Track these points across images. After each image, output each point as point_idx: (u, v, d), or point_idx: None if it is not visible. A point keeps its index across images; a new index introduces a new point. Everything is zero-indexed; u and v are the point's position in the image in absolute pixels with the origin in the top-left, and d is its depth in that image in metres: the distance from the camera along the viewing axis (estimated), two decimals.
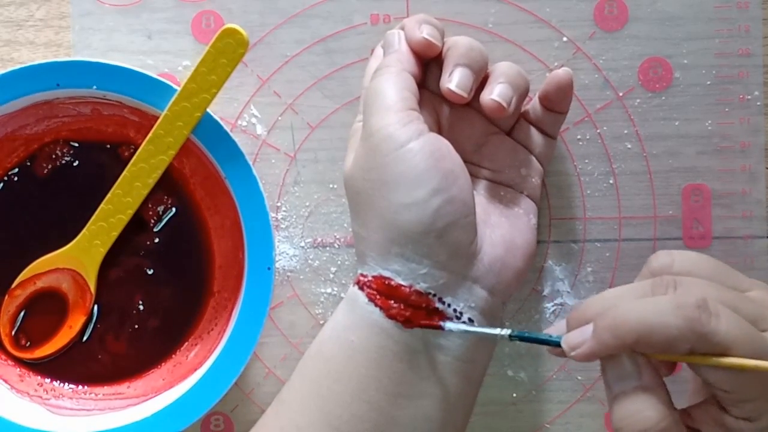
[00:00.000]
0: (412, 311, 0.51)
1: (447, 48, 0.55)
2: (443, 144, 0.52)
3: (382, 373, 0.52)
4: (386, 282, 0.52)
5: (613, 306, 0.46)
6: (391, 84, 0.53)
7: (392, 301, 0.51)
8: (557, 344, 0.48)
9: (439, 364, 0.52)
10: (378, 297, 0.52)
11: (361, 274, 0.53)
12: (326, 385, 0.52)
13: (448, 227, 0.51)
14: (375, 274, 0.52)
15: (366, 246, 0.53)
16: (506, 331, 0.50)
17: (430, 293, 0.52)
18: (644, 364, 0.46)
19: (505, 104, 0.53)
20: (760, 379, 0.44)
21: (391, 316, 0.51)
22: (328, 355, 0.53)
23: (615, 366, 0.46)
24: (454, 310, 0.52)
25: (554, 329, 0.50)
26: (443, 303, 0.52)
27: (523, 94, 0.55)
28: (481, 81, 0.55)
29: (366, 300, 0.52)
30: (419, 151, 0.51)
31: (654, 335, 0.44)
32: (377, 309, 0.52)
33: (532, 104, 0.57)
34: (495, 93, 0.54)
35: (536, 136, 0.57)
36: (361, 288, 0.52)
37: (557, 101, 0.57)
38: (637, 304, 0.45)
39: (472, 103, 0.55)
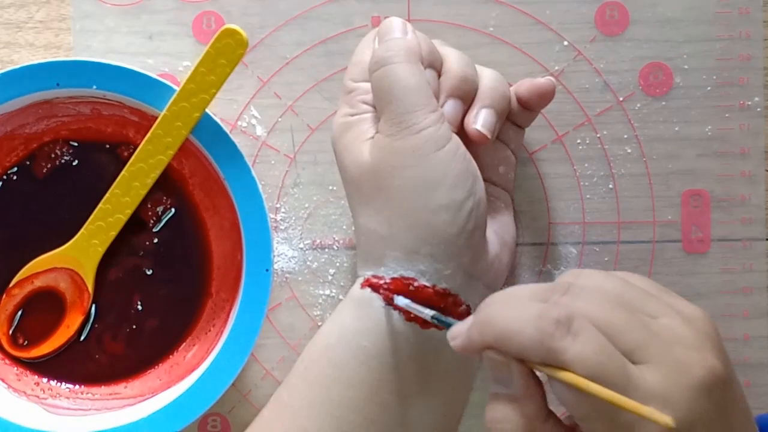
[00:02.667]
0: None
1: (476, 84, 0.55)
2: (464, 147, 0.52)
3: (395, 375, 0.51)
4: (408, 283, 0.51)
5: (494, 302, 0.45)
6: (416, 78, 0.51)
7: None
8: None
9: (445, 360, 0.52)
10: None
11: (374, 276, 0.52)
12: (337, 390, 0.51)
13: (475, 229, 0.51)
14: (395, 275, 0.51)
15: (387, 245, 0.51)
16: (431, 312, 0.49)
17: (449, 292, 0.51)
18: (518, 372, 0.43)
19: (489, 134, 0.53)
20: (595, 405, 0.42)
21: (410, 319, 0.51)
22: (337, 360, 0.52)
23: (492, 367, 0.44)
24: (468, 307, 0.52)
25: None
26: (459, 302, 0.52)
27: (504, 113, 0.55)
28: None
29: (383, 303, 0.51)
30: (456, 152, 0.51)
31: (510, 340, 0.43)
32: (396, 312, 0.51)
33: None
34: (479, 123, 0.53)
35: (511, 131, 0.57)
36: (375, 290, 0.51)
37: (536, 106, 0.57)
38: (508, 306, 0.44)
39: None
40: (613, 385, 0.41)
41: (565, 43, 0.61)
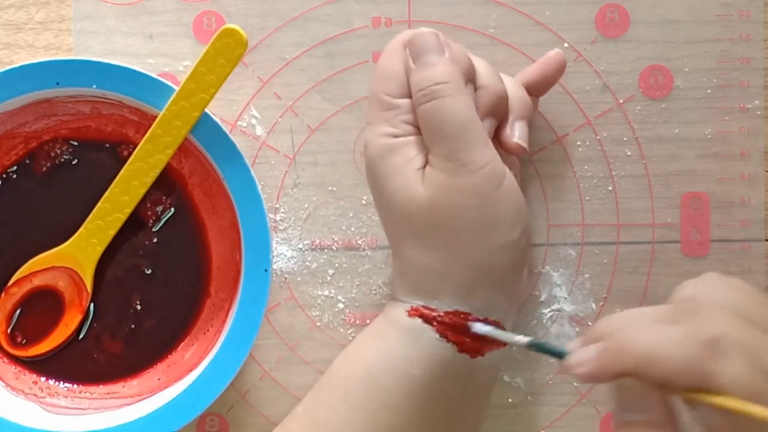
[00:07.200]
0: (481, 342, 0.51)
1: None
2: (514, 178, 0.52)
3: (440, 402, 0.51)
4: (464, 317, 0.51)
5: (624, 327, 0.43)
6: (469, 112, 0.50)
7: (465, 336, 0.51)
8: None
9: (479, 380, 0.53)
10: (451, 333, 0.51)
11: (426, 307, 0.51)
12: (382, 416, 0.51)
13: (525, 261, 0.52)
14: (450, 309, 0.51)
15: (443, 281, 0.51)
16: (526, 339, 0.49)
17: (499, 323, 0.52)
18: (660, 398, 0.42)
19: (527, 146, 0.54)
20: (748, 429, 0.39)
21: (464, 351, 0.51)
22: (383, 387, 0.51)
23: (624, 394, 0.43)
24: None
25: (575, 344, 0.46)
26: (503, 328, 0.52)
27: (531, 121, 0.56)
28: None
29: (437, 336, 0.51)
30: (512, 188, 0.50)
31: (654, 365, 0.41)
32: (450, 344, 0.51)
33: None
34: (517, 136, 0.53)
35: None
36: (427, 322, 0.51)
37: (553, 79, 0.57)
38: (646, 330, 0.42)
39: None
40: None
41: (566, 44, 0.61)
